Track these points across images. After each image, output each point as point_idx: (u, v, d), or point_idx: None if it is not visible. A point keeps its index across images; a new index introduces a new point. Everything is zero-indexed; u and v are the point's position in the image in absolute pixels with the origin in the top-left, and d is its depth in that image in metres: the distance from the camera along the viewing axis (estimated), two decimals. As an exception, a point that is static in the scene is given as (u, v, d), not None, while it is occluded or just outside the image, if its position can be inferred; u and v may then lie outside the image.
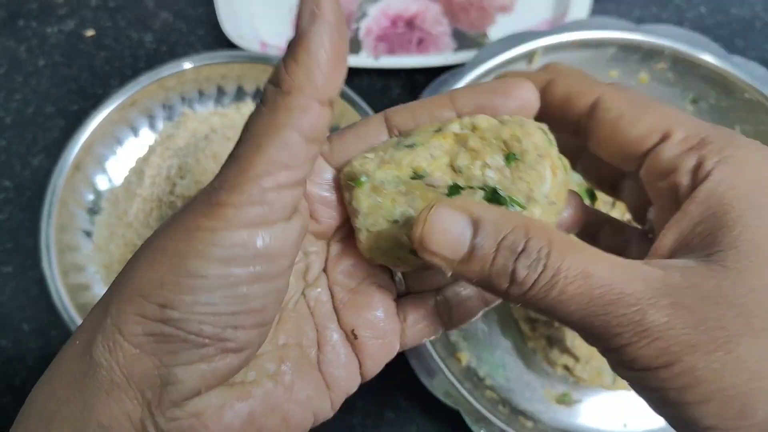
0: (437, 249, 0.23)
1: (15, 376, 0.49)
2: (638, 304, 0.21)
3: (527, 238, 0.22)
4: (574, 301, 0.21)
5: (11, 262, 0.53)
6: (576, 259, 0.21)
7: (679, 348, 0.20)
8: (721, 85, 0.49)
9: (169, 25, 0.62)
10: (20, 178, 0.56)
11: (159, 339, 0.22)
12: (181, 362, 0.22)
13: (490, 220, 0.22)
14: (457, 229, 0.23)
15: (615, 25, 0.49)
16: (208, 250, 0.22)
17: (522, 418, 0.45)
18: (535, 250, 0.22)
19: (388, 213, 0.25)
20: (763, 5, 0.60)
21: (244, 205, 0.22)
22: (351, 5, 0.60)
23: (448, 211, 0.23)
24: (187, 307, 0.22)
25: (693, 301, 0.21)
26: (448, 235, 0.23)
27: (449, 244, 0.23)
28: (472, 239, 0.22)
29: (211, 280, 0.22)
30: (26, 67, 0.60)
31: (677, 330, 0.20)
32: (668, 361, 0.20)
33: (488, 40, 0.58)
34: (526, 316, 0.48)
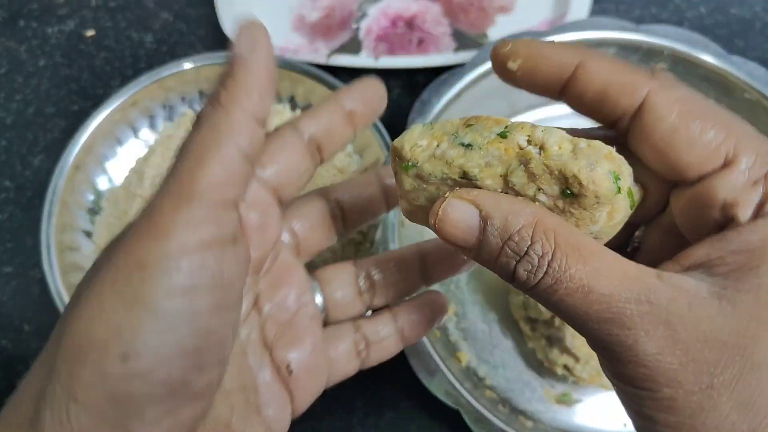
0: (450, 239, 0.23)
1: (16, 376, 0.50)
2: (633, 329, 0.20)
3: (532, 241, 0.22)
4: (571, 310, 0.21)
5: (12, 262, 0.53)
6: (579, 271, 0.21)
7: (663, 380, 0.20)
8: (721, 85, 0.49)
9: (170, 26, 0.62)
10: (21, 178, 0.56)
11: (122, 400, 0.19)
12: (148, 422, 0.20)
13: (499, 216, 0.22)
14: (467, 222, 0.23)
15: (615, 26, 0.49)
16: (168, 281, 0.20)
17: (522, 417, 0.45)
18: (537, 256, 0.21)
19: (431, 195, 0.25)
20: (762, 5, 0.60)
21: (196, 224, 0.21)
22: (351, 5, 0.60)
23: (460, 203, 0.23)
24: (153, 351, 0.20)
25: (690, 339, 0.20)
26: (459, 227, 0.23)
27: (460, 235, 0.23)
28: (480, 233, 0.23)
29: (175, 316, 0.20)
30: (27, 67, 0.60)
31: (665, 364, 0.20)
32: (650, 387, 0.21)
33: (488, 41, 0.58)
34: (526, 316, 0.48)
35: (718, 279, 0.21)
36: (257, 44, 0.24)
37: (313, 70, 0.52)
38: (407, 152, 0.24)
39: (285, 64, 0.52)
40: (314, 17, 0.60)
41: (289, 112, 0.55)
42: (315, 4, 0.60)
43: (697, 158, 0.22)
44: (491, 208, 0.22)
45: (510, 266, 0.22)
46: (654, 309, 0.21)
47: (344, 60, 0.56)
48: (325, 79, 0.52)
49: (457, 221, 0.23)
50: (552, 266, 0.21)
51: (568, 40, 0.49)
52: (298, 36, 0.59)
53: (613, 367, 0.22)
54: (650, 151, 0.23)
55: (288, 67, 0.52)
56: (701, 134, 0.22)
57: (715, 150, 0.22)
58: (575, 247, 0.21)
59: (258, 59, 0.23)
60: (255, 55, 0.23)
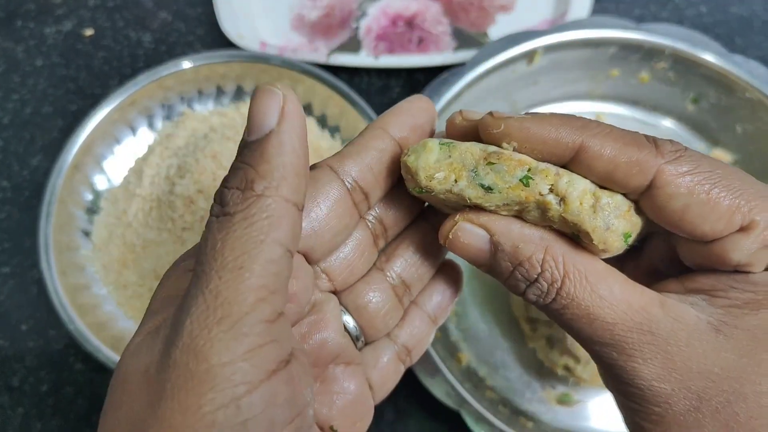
0: (461, 257, 0.24)
1: (13, 375, 0.49)
2: (633, 355, 0.22)
3: (541, 269, 0.23)
4: (576, 331, 0.23)
5: (10, 262, 0.53)
6: (585, 300, 0.22)
7: (654, 401, 0.22)
8: (722, 84, 0.49)
9: (168, 25, 0.61)
10: (19, 178, 0.56)
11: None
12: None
13: (508, 244, 0.23)
14: (478, 246, 0.24)
15: (615, 25, 0.49)
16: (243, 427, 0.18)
17: (522, 418, 0.45)
18: (546, 284, 0.23)
19: (441, 201, 0.25)
20: (762, 4, 0.60)
21: (254, 353, 0.19)
22: (351, 4, 0.60)
23: (470, 228, 0.24)
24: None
25: (684, 368, 0.22)
26: (470, 249, 0.24)
27: (471, 256, 0.24)
28: (491, 257, 0.24)
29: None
30: (24, 67, 0.60)
31: (658, 388, 0.22)
32: (642, 403, 0.23)
33: (488, 40, 0.58)
34: (526, 316, 0.48)
35: (717, 311, 0.23)
36: (288, 113, 0.20)
37: (313, 69, 0.52)
38: (422, 180, 0.23)
39: (284, 63, 0.52)
40: (314, 16, 0.60)
41: (289, 111, 0.54)
42: (315, 3, 0.60)
43: (712, 229, 0.22)
44: (501, 234, 0.23)
45: (520, 288, 0.23)
46: (655, 339, 0.22)
47: (344, 59, 0.56)
48: (324, 78, 0.51)
49: (467, 245, 0.24)
50: (561, 294, 0.22)
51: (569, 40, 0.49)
52: (297, 35, 0.59)
53: (611, 382, 0.24)
54: (664, 222, 0.23)
55: (287, 67, 0.52)
56: (714, 207, 0.22)
57: (730, 219, 0.22)
58: (584, 274, 0.22)
59: (290, 132, 0.20)
60: (286, 128, 0.20)
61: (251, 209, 0.19)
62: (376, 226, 0.27)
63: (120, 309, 0.49)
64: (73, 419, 0.48)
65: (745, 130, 0.48)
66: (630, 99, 0.53)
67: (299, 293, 0.24)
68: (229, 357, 0.19)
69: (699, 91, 0.50)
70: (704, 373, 0.22)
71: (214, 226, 0.20)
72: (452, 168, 0.23)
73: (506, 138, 0.23)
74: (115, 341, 0.46)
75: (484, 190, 0.23)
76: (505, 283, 0.24)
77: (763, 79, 0.47)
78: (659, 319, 0.22)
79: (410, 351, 0.29)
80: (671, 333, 0.22)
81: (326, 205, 0.24)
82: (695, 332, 0.22)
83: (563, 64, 0.50)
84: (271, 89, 0.20)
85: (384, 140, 0.25)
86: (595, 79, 0.52)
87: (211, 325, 0.19)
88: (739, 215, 0.22)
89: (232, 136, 0.51)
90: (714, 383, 0.21)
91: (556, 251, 0.23)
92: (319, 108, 0.54)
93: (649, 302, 0.22)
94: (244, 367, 0.19)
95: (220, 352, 0.18)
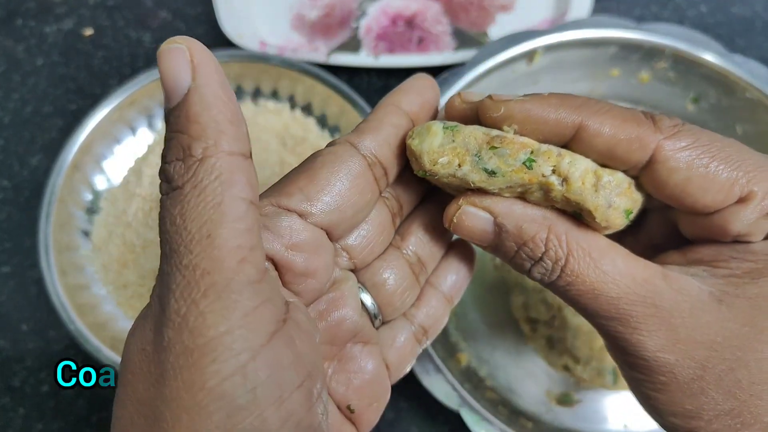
0: (466, 239, 0.25)
1: (14, 376, 0.49)
2: (637, 328, 0.23)
3: (546, 248, 0.23)
4: (581, 306, 0.23)
5: (10, 261, 0.53)
6: (589, 276, 0.23)
7: (659, 371, 0.23)
8: (722, 84, 0.49)
9: (168, 24, 0.61)
10: (18, 178, 0.56)
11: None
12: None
13: (512, 225, 0.23)
14: (481, 227, 0.24)
15: (616, 24, 0.49)
16: (246, 400, 0.18)
17: (522, 418, 0.45)
18: (551, 262, 0.23)
19: (445, 184, 0.25)
20: (763, 4, 0.60)
21: (249, 318, 0.19)
22: (351, 4, 0.60)
23: (474, 211, 0.24)
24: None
25: (688, 339, 0.23)
26: (475, 232, 0.24)
27: (475, 238, 0.24)
28: (495, 238, 0.24)
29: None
30: (24, 66, 0.60)
31: (663, 359, 0.23)
32: (648, 373, 0.23)
33: (488, 39, 0.58)
34: (526, 316, 0.48)
35: (719, 282, 0.23)
36: (200, 64, 0.19)
37: (313, 69, 0.52)
38: (426, 164, 0.24)
39: (284, 63, 0.52)
40: (314, 16, 0.60)
41: (289, 111, 0.54)
42: (314, 2, 0.60)
43: (712, 201, 0.22)
44: (505, 215, 0.24)
45: (525, 267, 0.24)
46: (658, 312, 0.22)
47: (344, 59, 0.56)
48: (324, 78, 0.51)
49: (472, 228, 0.24)
50: (565, 271, 0.23)
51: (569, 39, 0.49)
52: (297, 35, 0.59)
53: (616, 353, 0.24)
54: (665, 196, 0.23)
55: (287, 66, 0.52)
56: (714, 180, 0.22)
57: (729, 191, 0.22)
58: (587, 251, 0.23)
59: (210, 83, 0.19)
60: (203, 80, 0.19)
61: (198, 175, 0.19)
62: (394, 204, 0.27)
63: (120, 309, 0.49)
64: (73, 420, 0.49)
65: (745, 130, 0.48)
66: (630, 99, 0.53)
67: (320, 270, 0.23)
68: (226, 326, 0.18)
69: (699, 91, 0.50)
70: (707, 343, 0.22)
71: (167, 203, 0.19)
72: (456, 153, 0.23)
73: (507, 121, 0.23)
74: (115, 341, 0.46)
75: (488, 174, 0.23)
76: (510, 263, 0.24)
77: (764, 80, 0.47)
78: (662, 291, 0.22)
79: (427, 331, 0.29)
80: (674, 305, 0.22)
81: (348, 180, 0.24)
82: (698, 303, 0.23)
83: (563, 64, 0.50)
84: (173, 47, 0.19)
85: (398, 116, 0.25)
86: (595, 78, 0.52)
87: (198, 300, 0.18)
88: (737, 187, 0.22)
89: (232, 135, 0.51)
90: (717, 352, 0.22)
91: (559, 230, 0.23)
92: (319, 108, 0.54)
93: (652, 275, 0.23)
94: (243, 334, 0.18)
95: (215, 323, 0.18)
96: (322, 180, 0.23)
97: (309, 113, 0.54)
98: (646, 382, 0.23)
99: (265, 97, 0.55)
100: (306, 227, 0.23)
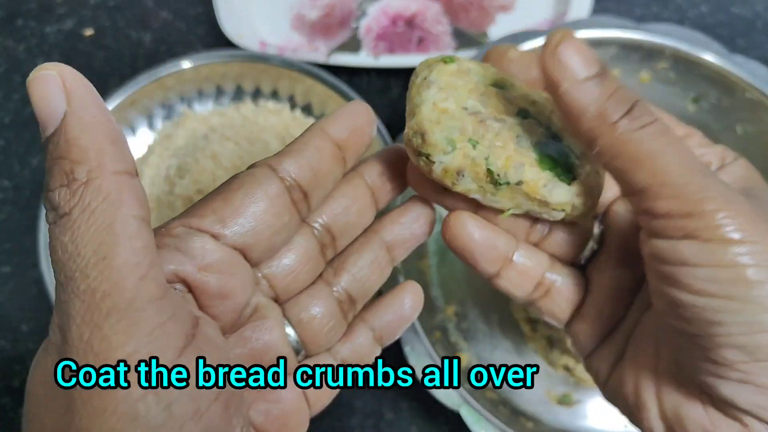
0: (563, 67, 0.22)
1: (14, 377, 0.49)
2: (700, 193, 0.21)
3: (635, 101, 0.23)
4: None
5: (10, 262, 0.53)
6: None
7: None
8: (723, 84, 0.49)
9: (169, 25, 0.61)
10: (19, 178, 0.56)
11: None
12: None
13: (611, 77, 0.23)
14: (582, 63, 0.22)
15: (616, 24, 0.49)
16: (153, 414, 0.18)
17: (522, 418, 0.45)
18: (640, 115, 0.22)
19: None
20: (764, 4, 0.60)
21: (142, 348, 0.18)
22: (351, 4, 0.60)
23: (579, 46, 0.22)
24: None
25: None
26: (573, 67, 0.22)
27: (572, 71, 0.22)
28: (594, 81, 0.22)
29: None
30: (25, 66, 0.60)
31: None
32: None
33: (488, 40, 0.58)
34: (526, 316, 0.48)
35: None
36: (72, 89, 0.19)
37: (313, 69, 0.52)
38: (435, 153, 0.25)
39: (284, 63, 0.52)
40: (314, 16, 0.60)
41: (288, 111, 0.54)
42: (314, 2, 0.60)
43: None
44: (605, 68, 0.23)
45: (611, 117, 0.22)
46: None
47: (344, 59, 0.56)
48: (324, 78, 0.51)
49: (570, 62, 0.22)
50: (648, 129, 0.22)
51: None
52: (297, 35, 0.59)
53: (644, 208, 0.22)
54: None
55: (287, 66, 0.52)
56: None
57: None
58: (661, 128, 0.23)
59: (86, 105, 0.19)
60: (78, 103, 0.19)
61: (85, 198, 0.18)
62: (324, 235, 0.27)
63: (120, 309, 0.49)
64: (73, 419, 0.48)
65: (745, 130, 0.48)
66: (630, 99, 0.53)
67: (236, 291, 0.23)
68: (133, 346, 0.18)
69: (699, 91, 0.50)
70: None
71: (57, 232, 0.18)
72: (466, 144, 0.25)
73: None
74: (115, 341, 0.46)
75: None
76: (593, 113, 0.22)
77: (764, 80, 0.47)
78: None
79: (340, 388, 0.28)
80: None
81: (264, 202, 0.24)
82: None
83: (563, 64, 0.50)
84: (42, 74, 0.19)
85: (323, 139, 0.25)
86: (595, 79, 0.52)
87: (101, 323, 0.18)
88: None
89: (232, 136, 0.51)
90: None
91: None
92: (319, 108, 0.54)
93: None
94: (151, 352, 0.18)
95: (121, 344, 0.18)
96: (236, 201, 0.23)
97: (309, 113, 0.54)
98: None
99: (265, 98, 0.55)
100: (219, 247, 0.23)
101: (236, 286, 0.23)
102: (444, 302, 0.49)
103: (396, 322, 0.29)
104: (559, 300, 0.28)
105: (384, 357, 0.30)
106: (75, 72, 0.19)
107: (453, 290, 0.50)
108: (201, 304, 0.23)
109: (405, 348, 0.42)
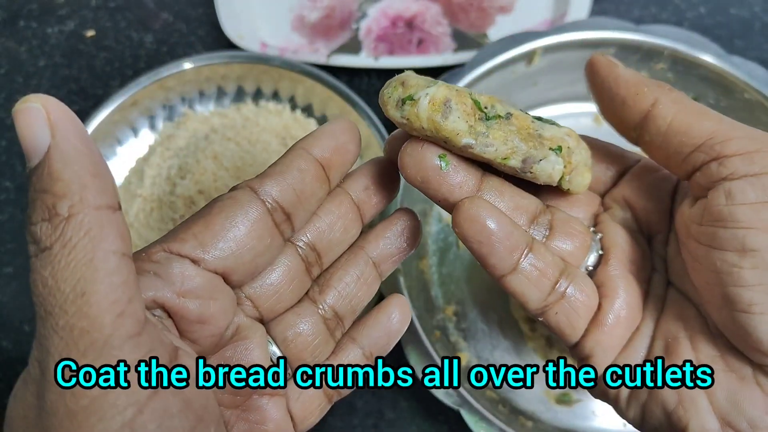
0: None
1: (16, 377, 0.49)
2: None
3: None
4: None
5: (12, 262, 0.53)
6: None
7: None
8: (721, 85, 0.49)
9: (170, 26, 0.62)
10: (21, 179, 0.56)
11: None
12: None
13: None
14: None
15: (614, 26, 0.49)
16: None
17: (522, 418, 0.45)
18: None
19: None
20: (762, 5, 0.60)
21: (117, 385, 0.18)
22: (351, 5, 0.60)
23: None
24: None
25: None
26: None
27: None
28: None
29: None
30: (27, 67, 0.60)
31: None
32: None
33: (488, 41, 0.58)
34: (526, 316, 0.48)
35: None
36: (57, 121, 0.19)
37: (313, 70, 0.52)
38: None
39: (285, 64, 0.52)
40: (314, 17, 0.60)
41: (289, 112, 0.55)
42: (315, 4, 0.60)
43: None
44: None
45: None
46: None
47: (344, 60, 0.56)
48: (325, 79, 0.52)
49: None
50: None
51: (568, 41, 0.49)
52: (297, 36, 0.59)
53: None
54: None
55: (288, 67, 0.52)
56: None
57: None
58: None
59: (70, 138, 0.19)
60: (62, 135, 0.19)
61: (66, 233, 0.18)
62: (309, 253, 0.27)
63: (122, 309, 0.49)
64: (75, 418, 0.49)
65: (743, 131, 0.49)
66: (629, 100, 0.53)
67: (217, 316, 0.23)
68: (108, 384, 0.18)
69: (698, 92, 0.50)
70: None
71: (37, 265, 0.18)
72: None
73: None
74: (117, 341, 0.46)
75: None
76: None
77: (762, 81, 0.47)
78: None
79: (339, 388, 0.28)
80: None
81: (245, 225, 0.23)
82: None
83: (562, 65, 0.50)
84: (27, 107, 0.19)
85: (306, 160, 0.25)
86: (594, 80, 0.52)
87: (79, 360, 0.18)
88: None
89: (233, 136, 0.52)
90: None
91: None
92: (319, 109, 0.54)
93: None
94: (126, 390, 0.18)
95: (75, 398, 0.18)
96: (217, 225, 0.23)
97: (309, 114, 0.55)
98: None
99: (266, 98, 0.55)
100: (199, 272, 0.23)
101: (216, 310, 0.23)
102: (444, 302, 0.49)
103: (384, 338, 0.28)
104: (577, 305, 0.26)
105: (384, 357, 0.30)
106: (59, 103, 0.19)
107: (453, 290, 0.50)
108: (181, 329, 0.23)
109: (405, 348, 0.42)
